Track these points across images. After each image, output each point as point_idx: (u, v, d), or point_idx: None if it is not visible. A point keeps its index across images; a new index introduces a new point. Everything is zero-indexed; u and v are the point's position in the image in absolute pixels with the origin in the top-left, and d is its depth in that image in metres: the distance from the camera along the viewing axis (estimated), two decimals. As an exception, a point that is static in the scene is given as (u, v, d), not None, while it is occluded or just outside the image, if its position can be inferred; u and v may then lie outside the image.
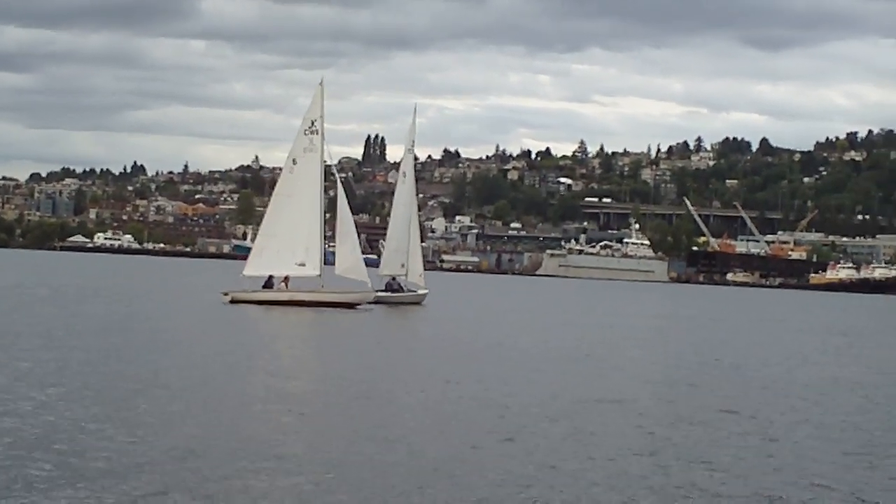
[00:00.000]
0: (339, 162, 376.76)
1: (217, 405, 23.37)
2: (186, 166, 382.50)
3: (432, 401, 25.78)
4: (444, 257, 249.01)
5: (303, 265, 60.06)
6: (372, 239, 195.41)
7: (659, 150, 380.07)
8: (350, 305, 60.16)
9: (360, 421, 22.03)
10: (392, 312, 60.36)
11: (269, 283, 60.19)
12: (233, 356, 33.51)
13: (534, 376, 32.43)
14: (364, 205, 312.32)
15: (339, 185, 65.56)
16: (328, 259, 63.42)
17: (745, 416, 25.66)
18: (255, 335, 43.51)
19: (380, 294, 64.64)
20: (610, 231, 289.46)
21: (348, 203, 66.10)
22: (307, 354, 38.53)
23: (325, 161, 62.44)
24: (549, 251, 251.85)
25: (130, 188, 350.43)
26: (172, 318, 50.34)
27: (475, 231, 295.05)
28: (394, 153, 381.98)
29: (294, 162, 61.89)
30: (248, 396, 25.06)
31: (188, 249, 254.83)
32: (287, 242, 59.81)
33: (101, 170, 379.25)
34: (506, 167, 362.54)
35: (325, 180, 64.44)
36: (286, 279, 60.28)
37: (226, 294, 59.75)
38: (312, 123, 61.74)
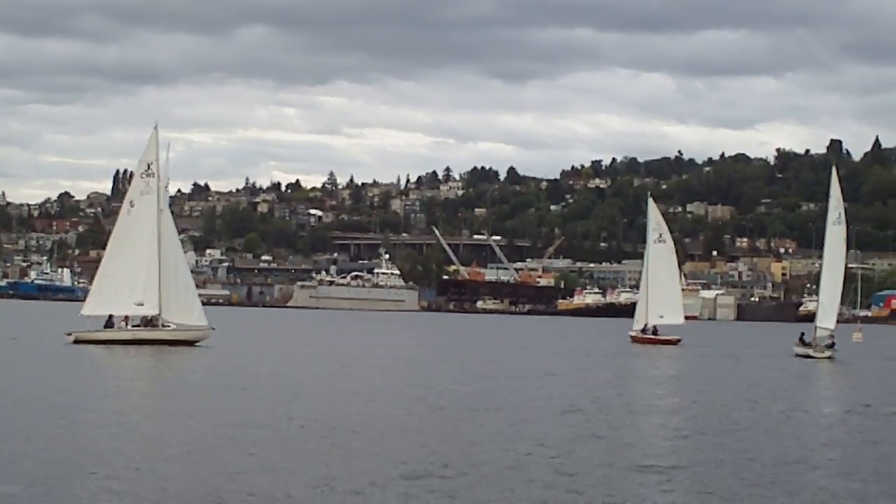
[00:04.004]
0: (88, 197, 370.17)
1: None
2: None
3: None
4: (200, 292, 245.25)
5: (141, 304, 61.23)
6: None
7: (408, 181, 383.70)
8: (189, 343, 61.43)
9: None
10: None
11: (109, 323, 61.09)
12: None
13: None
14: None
15: (173, 226, 65.04)
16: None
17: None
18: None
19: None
20: (361, 262, 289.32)
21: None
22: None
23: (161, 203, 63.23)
24: (299, 283, 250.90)
25: None
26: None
27: (226, 264, 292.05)
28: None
29: (131, 204, 62.98)
30: None
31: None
32: (125, 283, 60.99)
33: None
34: (255, 200, 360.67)
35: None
36: (126, 318, 61.51)
37: (69, 334, 60.61)
38: (148, 167, 62.97)
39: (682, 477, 21.78)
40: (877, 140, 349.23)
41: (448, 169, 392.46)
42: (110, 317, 61.33)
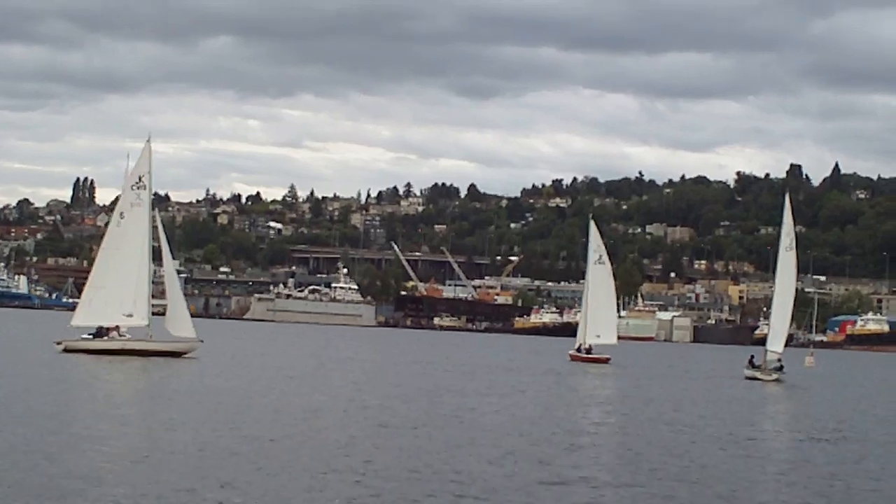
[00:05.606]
0: (48, 205, 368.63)
1: None
2: None
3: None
4: (153, 301, 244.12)
5: (130, 316, 61.21)
6: (80, 283, 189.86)
7: (369, 196, 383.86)
8: (178, 354, 61.93)
9: None
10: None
11: (99, 333, 61.26)
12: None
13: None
14: (72, 248, 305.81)
15: (164, 238, 65.79)
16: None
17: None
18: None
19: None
20: (319, 275, 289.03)
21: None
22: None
23: (152, 215, 63.81)
24: (256, 295, 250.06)
25: None
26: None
27: (184, 275, 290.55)
28: (104, 196, 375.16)
29: (122, 216, 63.13)
30: None
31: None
32: (115, 294, 60.90)
33: None
34: (216, 211, 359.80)
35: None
36: (116, 329, 61.47)
37: (59, 343, 60.97)
38: (140, 179, 63.19)
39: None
40: (836, 166, 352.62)
41: (409, 185, 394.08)
42: (100, 327, 61.42)
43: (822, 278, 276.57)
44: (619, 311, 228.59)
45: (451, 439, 30.36)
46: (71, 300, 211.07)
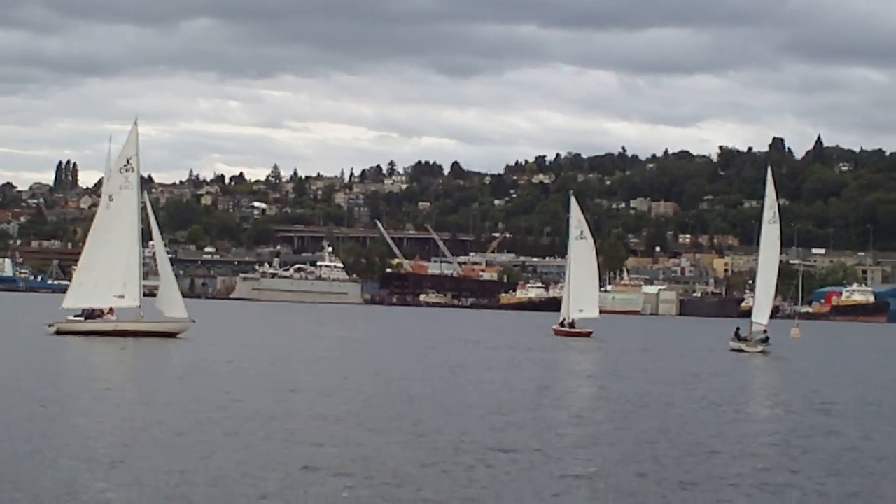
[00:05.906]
0: (31, 188, 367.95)
1: None
2: None
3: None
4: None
5: (122, 297, 61.60)
6: (64, 265, 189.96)
7: (352, 174, 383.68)
8: (170, 334, 62.51)
9: None
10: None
11: (91, 315, 61.89)
12: None
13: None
14: (56, 231, 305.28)
15: (154, 220, 66.28)
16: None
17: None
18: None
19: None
20: (304, 254, 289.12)
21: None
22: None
23: (141, 198, 64.08)
24: (242, 275, 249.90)
25: None
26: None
27: (169, 256, 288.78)
28: (86, 179, 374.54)
29: (111, 198, 63.21)
30: None
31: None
32: (105, 276, 61.22)
33: None
34: (199, 192, 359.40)
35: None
36: (111, 311, 62.06)
37: (51, 325, 61.66)
38: (128, 161, 63.25)
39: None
40: (819, 139, 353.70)
41: (392, 163, 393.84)
42: (92, 310, 62.03)
43: (810, 250, 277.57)
44: (604, 285, 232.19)
45: (445, 413, 30.69)
46: (56, 282, 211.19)
